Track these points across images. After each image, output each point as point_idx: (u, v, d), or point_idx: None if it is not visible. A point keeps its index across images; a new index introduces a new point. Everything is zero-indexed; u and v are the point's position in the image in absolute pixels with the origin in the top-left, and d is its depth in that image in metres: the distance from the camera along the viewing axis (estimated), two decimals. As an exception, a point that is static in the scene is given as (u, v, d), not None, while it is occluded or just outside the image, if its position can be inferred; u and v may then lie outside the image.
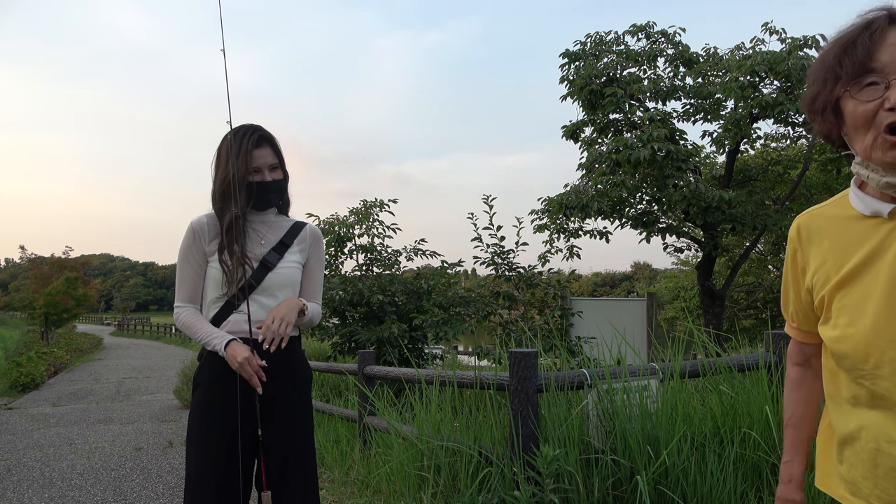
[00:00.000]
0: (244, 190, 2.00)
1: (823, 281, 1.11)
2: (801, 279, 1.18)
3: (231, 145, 2.02)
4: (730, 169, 12.30)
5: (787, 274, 1.24)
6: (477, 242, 8.29)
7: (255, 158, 2.02)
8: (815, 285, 1.13)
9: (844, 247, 1.08)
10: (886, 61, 0.96)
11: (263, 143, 2.05)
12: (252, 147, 2.02)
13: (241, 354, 1.89)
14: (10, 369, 13.24)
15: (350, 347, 8.67)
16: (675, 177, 10.17)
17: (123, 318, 58.40)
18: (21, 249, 34.15)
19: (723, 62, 11.40)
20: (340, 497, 4.16)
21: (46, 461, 5.95)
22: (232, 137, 2.03)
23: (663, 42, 12.07)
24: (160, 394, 11.32)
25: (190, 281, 2.07)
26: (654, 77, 11.90)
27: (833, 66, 1.02)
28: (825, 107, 1.05)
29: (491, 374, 3.64)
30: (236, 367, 1.90)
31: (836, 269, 1.08)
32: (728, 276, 13.28)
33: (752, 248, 13.95)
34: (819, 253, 1.12)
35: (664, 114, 11.26)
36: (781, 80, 10.20)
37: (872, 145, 0.99)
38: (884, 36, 0.97)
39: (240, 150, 2.01)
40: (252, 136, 2.03)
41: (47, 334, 27.17)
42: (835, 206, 1.13)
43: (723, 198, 9.87)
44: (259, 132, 2.06)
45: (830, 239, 1.11)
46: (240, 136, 2.03)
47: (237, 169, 1.99)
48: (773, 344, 3.54)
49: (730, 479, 3.04)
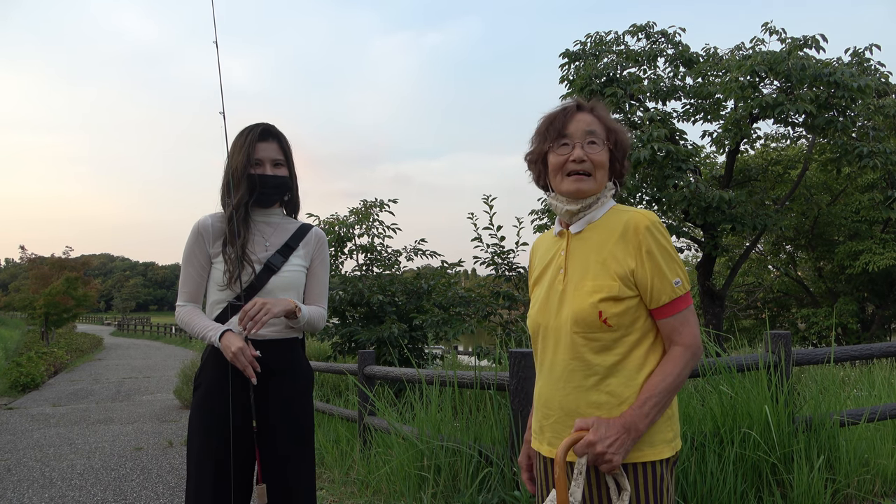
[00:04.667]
0: (245, 181, 2.01)
1: (532, 278, 1.66)
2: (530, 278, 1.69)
3: (237, 139, 2.05)
4: (730, 169, 12.29)
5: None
6: (477, 242, 8.28)
7: (257, 150, 2.04)
8: (531, 284, 1.67)
9: (543, 256, 1.62)
10: (573, 131, 1.49)
11: (268, 138, 2.06)
12: (255, 140, 2.04)
13: (234, 344, 1.90)
14: (10, 369, 13.24)
15: (350, 347, 8.67)
16: (675, 177, 10.17)
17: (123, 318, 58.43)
18: (21, 249, 34.11)
19: (723, 62, 11.39)
20: (340, 497, 4.16)
21: (46, 461, 5.95)
22: (240, 132, 2.07)
23: (663, 42, 12.07)
24: (160, 394, 11.32)
25: (192, 281, 2.07)
26: (654, 77, 11.90)
27: (543, 132, 1.54)
28: (537, 159, 1.57)
29: (491, 374, 3.64)
30: (230, 358, 1.90)
31: (536, 272, 1.63)
32: (728, 276, 13.27)
33: (752, 248, 13.95)
34: (535, 261, 1.67)
35: (664, 114, 11.26)
36: (781, 80, 10.20)
37: (561, 183, 1.50)
38: (573, 116, 1.51)
39: (244, 143, 2.03)
40: (256, 130, 2.05)
41: (47, 334, 27.16)
42: (551, 231, 1.64)
43: (723, 198, 9.87)
44: (265, 126, 2.08)
45: (540, 251, 1.66)
46: (246, 131, 2.06)
47: (239, 160, 2.01)
48: (773, 344, 3.53)
49: (730, 479, 3.04)
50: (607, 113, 1.55)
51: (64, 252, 31.37)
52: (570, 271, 1.49)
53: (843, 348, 3.82)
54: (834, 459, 3.40)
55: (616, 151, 1.52)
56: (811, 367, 6.13)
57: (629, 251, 1.43)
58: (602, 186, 1.50)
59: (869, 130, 10.43)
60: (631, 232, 1.43)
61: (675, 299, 1.42)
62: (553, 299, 1.50)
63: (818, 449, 3.34)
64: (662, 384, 1.38)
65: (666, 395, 1.38)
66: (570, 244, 1.52)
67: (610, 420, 1.35)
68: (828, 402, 3.80)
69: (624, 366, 1.41)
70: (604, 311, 1.40)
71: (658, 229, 1.43)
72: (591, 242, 1.49)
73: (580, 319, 1.42)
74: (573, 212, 1.50)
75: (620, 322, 1.41)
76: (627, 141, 1.56)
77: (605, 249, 1.45)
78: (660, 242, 1.42)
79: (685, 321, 1.42)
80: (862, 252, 15.14)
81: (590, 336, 1.42)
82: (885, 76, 10.82)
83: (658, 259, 1.41)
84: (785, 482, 3.22)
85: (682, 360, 1.40)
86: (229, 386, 1.97)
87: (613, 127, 1.53)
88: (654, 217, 1.45)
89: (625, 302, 1.41)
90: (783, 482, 3.23)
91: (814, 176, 15.45)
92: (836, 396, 4.06)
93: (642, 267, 1.41)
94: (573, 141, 1.48)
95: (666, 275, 1.41)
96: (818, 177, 15.69)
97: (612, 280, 1.42)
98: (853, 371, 7.16)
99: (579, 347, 1.43)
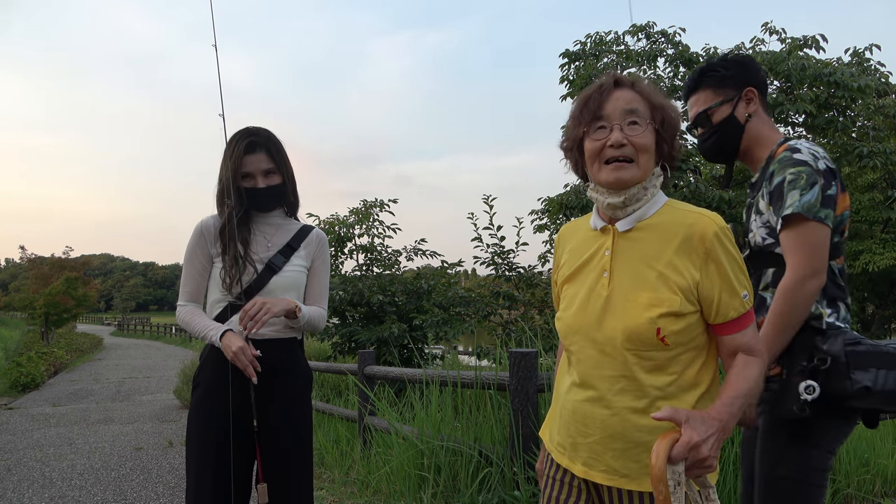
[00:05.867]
0: (235, 195, 2.00)
1: (560, 274, 1.47)
2: (556, 272, 1.51)
3: (227, 149, 2.03)
4: (730, 169, 12.26)
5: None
6: (477, 242, 8.28)
7: (245, 164, 2.00)
8: (557, 279, 1.49)
9: (575, 251, 1.43)
10: (610, 111, 1.30)
11: (256, 149, 2.02)
12: (242, 153, 2.00)
13: (235, 344, 1.89)
14: (10, 369, 13.24)
15: (350, 347, 8.68)
16: (674, 177, 10.18)
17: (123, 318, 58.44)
18: (21, 249, 34.19)
19: (723, 62, 11.38)
20: (340, 497, 4.15)
21: (46, 461, 5.95)
22: (228, 142, 2.04)
23: (663, 42, 12.07)
24: (160, 394, 11.32)
25: (193, 281, 2.08)
26: (654, 77, 11.90)
27: (577, 115, 1.35)
28: (572, 146, 1.38)
29: (491, 374, 3.64)
30: (231, 357, 1.90)
31: (568, 268, 1.43)
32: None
33: (752, 248, 13.93)
34: (563, 254, 1.48)
35: (664, 114, 11.26)
36: (781, 81, 10.21)
37: (599, 172, 1.32)
38: (610, 94, 1.31)
39: (231, 155, 2.00)
40: (242, 142, 2.01)
41: (47, 334, 27.16)
42: (584, 220, 1.47)
43: (723, 198, 9.87)
44: (251, 137, 2.02)
45: (571, 243, 1.46)
46: (233, 141, 2.03)
47: (227, 174, 1.99)
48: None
49: (730, 479, 3.04)
50: (653, 88, 1.35)
51: (64, 252, 31.44)
52: (618, 277, 1.31)
53: (843, 348, 3.81)
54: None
55: (663, 132, 1.32)
56: (811, 367, 6.12)
57: (694, 261, 1.26)
58: (647, 173, 1.31)
59: (869, 130, 10.43)
60: (697, 239, 1.26)
61: (742, 315, 1.27)
62: (594, 305, 1.33)
63: (818, 449, 3.33)
64: (746, 386, 1.23)
65: (750, 399, 1.23)
66: (616, 244, 1.34)
67: (704, 415, 1.15)
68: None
69: (678, 386, 1.27)
70: (662, 329, 1.24)
71: (728, 237, 1.27)
72: (643, 245, 1.31)
73: (634, 336, 1.26)
74: (616, 205, 1.31)
75: (679, 340, 1.26)
76: (677, 118, 1.34)
77: (664, 257, 1.28)
78: (730, 253, 1.26)
79: (753, 336, 1.29)
80: (862, 252, 15.12)
81: (644, 354, 1.27)
82: (885, 76, 10.82)
83: (727, 272, 1.25)
84: (785, 482, 3.22)
85: (758, 367, 1.26)
86: (229, 385, 1.97)
87: (659, 103, 1.32)
88: (722, 221, 1.29)
89: (686, 318, 1.26)
90: (783, 482, 3.23)
91: (814, 176, 15.42)
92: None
93: (709, 280, 1.25)
94: (611, 123, 1.29)
95: (735, 289, 1.26)
96: (818, 177, 15.66)
97: (673, 294, 1.25)
98: (853, 371, 7.16)
99: (631, 366, 1.27)
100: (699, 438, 1.10)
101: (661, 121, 1.31)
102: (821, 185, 1.54)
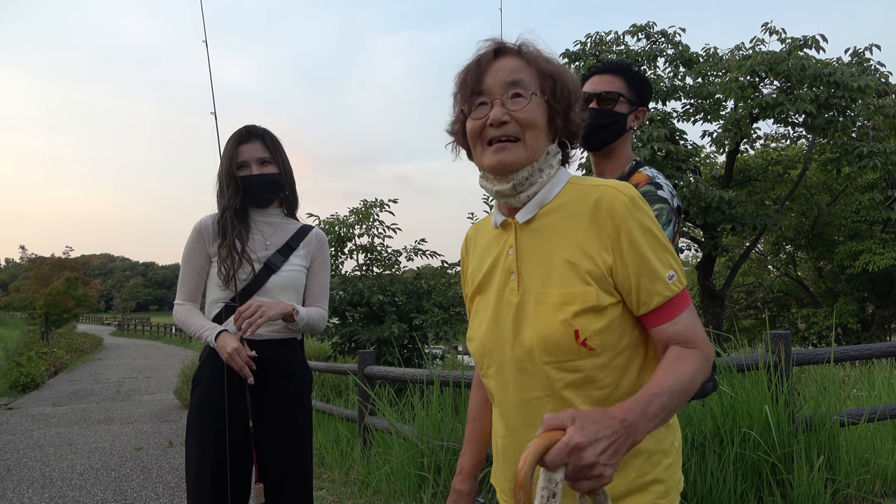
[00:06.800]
0: (232, 185, 2.02)
1: (469, 285, 1.24)
2: (464, 284, 1.29)
3: (226, 145, 2.06)
4: (730, 169, 12.30)
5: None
6: (477, 242, 8.28)
7: (240, 153, 2.04)
8: (468, 291, 1.25)
9: (482, 255, 1.21)
10: (490, 84, 1.09)
11: (251, 138, 2.06)
12: (237, 142, 2.05)
13: (230, 345, 1.90)
14: (10, 369, 13.24)
15: (350, 347, 8.68)
16: (675, 177, 10.18)
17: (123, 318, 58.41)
18: (21, 249, 34.27)
19: (723, 62, 11.40)
20: (340, 497, 4.16)
21: (46, 461, 5.95)
22: (228, 138, 2.08)
23: (663, 42, 12.08)
24: (160, 394, 11.32)
25: (191, 280, 2.08)
26: (653, 77, 11.90)
27: (456, 92, 1.15)
28: (458, 129, 1.16)
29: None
30: (226, 358, 1.90)
31: (474, 276, 1.21)
32: (728, 276, 13.28)
33: (752, 248, 13.96)
34: (470, 261, 1.26)
35: (664, 114, 11.26)
36: (781, 80, 10.21)
37: (482, 155, 1.11)
38: (490, 65, 1.10)
39: (227, 147, 2.05)
40: (239, 133, 2.07)
41: (47, 334, 27.16)
42: (489, 218, 1.24)
43: (723, 198, 9.88)
44: (247, 127, 2.08)
45: (477, 247, 1.25)
46: (232, 136, 2.08)
47: (224, 165, 2.03)
48: (773, 344, 3.53)
49: (730, 479, 3.04)
50: (544, 53, 1.13)
51: (64, 252, 31.46)
52: (526, 277, 1.09)
53: (843, 348, 3.82)
54: (834, 459, 3.40)
55: (555, 103, 1.10)
56: (811, 367, 6.14)
57: (604, 242, 1.04)
58: (538, 153, 1.09)
59: (869, 130, 10.43)
60: (604, 214, 1.04)
61: (670, 299, 1.04)
62: (506, 317, 1.10)
63: (818, 449, 3.34)
64: (676, 382, 0.97)
65: (677, 397, 0.97)
66: (519, 238, 1.12)
67: (598, 414, 0.87)
68: (828, 402, 3.80)
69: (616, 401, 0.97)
70: (582, 330, 1.02)
71: (639, 207, 1.05)
72: (548, 234, 1.09)
73: (550, 345, 1.04)
74: (506, 192, 1.10)
75: (605, 342, 1.04)
76: (573, 85, 1.12)
77: (571, 242, 1.06)
78: (645, 227, 1.04)
79: (688, 325, 1.04)
80: (862, 252, 15.16)
81: (567, 366, 1.04)
82: (885, 76, 10.83)
83: (644, 250, 1.03)
84: (785, 482, 3.22)
85: (696, 361, 1.02)
86: (233, 388, 1.97)
87: (550, 70, 1.10)
88: (633, 190, 1.06)
89: (607, 313, 1.04)
90: (783, 482, 3.23)
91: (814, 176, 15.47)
92: (836, 396, 4.06)
93: (623, 262, 1.03)
94: (491, 98, 1.08)
95: (656, 270, 1.03)
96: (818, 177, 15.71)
97: (586, 284, 1.03)
98: (853, 371, 7.16)
99: (554, 383, 1.05)
100: (582, 440, 0.82)
101: (552, 90, 1.10)
102: (674, 223, 1.66)
